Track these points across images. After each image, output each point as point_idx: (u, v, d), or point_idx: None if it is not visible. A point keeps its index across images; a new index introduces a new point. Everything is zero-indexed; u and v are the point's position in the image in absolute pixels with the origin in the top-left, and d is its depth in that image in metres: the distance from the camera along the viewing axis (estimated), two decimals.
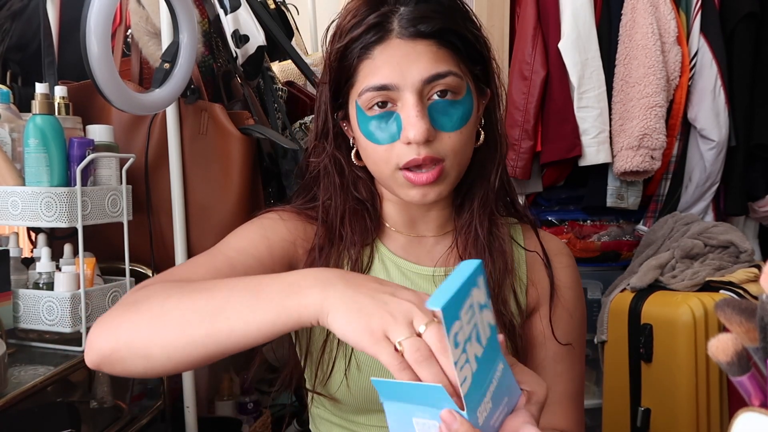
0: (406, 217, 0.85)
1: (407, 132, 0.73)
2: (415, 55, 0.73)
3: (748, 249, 1.62)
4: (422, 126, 0.72)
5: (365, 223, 0.84)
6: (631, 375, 1.58)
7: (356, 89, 0.77)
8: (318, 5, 2.49)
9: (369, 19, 0.75)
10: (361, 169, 0.83)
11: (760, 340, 0.53)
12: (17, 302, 1.18)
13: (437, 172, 0.74)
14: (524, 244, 0.87)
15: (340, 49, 0.77)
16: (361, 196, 0.84)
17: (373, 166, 0.79)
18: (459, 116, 0.75)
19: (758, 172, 1.95)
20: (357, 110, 0.77)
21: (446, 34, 0.74)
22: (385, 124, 0.75)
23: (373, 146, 0.76)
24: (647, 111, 1.79)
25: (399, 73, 0.73)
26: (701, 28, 1.88)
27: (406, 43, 0.73)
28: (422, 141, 0.72)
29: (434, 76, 0.73)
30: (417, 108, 0.72)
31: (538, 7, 1.85)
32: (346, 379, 0.79)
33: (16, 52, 1.56)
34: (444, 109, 0.74)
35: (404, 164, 0.74)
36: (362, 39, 0.75)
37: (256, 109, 1.50)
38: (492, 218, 0.83)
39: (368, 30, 0.75)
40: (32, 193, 1.15)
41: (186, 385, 1.40)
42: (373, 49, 0.75)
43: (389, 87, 0.73)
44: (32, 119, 1.15)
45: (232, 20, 1.45)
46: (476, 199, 0.83)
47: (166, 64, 1.23)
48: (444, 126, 0.74)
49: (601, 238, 1.93)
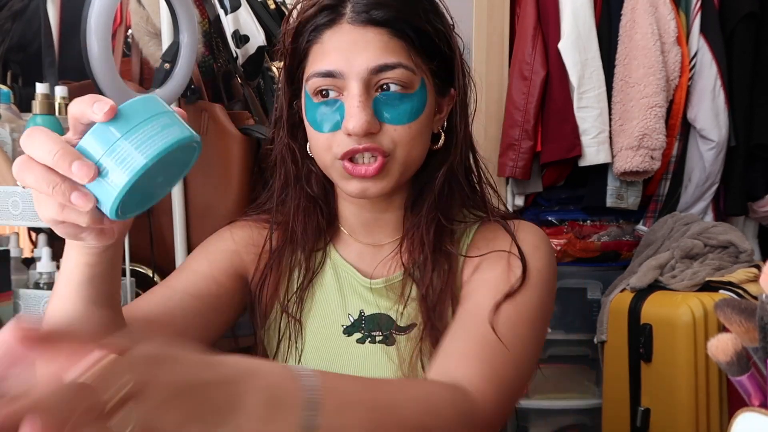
0: (361, 219, 0.82)
1: (347, 122, 0.70)
2: (363, 42, 0.70)
3: (747, 249, 1.62)
4: (363, 117, 0.69)
5: (317, 220, 0.81)
6: (631, 375, 1.58)
7: (306, 74, 0.74)
8: None
9: (323, 0, 0.72)
10: (315, 161, 0.79)
11: (760, 340, 0.53)
12: (18, 302, 1.18)
13: (379, 166, 0.71)
14: (474, 241, 0.80)
15: (293, 30, 0.74)
16: (313, 191, 0.81)
17: (316, 155, 0.76)
18: (407, 110, 0.71)
19: (758, 172, 1.96)
20: (305, 96, 0.74)
21: (399, 24, 0.70)
22: (330, 113, 0.72)
23: (317, 134, 0.73)
24: (647, 111, 1.79)
25: (345, 60, 0.70)
26: (701, 29, 1.88)
27: (357, 29, 0.70)
28: (362, 133, 0.69)
29: (382, 66, 0.70)
30: (360, 98, 0.69)
31: (538, 7, 1.85)
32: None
33: (17, 53, 1.56)
34: (391, 101, 0.71)
35: (342, 154, 0.71)
36: (313, 21, 0.72)
37: (257, 109, 1.50)
38: (440, 224, 0.78)
39: (320, 11, 0.72)
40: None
41: None
42: (323, 33, 0.72)
43: (335, 74, 0.70)
44: (33, 119, 1.15)
45: (232, 20, 1.45)
46: (425, 203, 0.78)
47: (167, 64, 1.24)
48: (390, 119, 0.71)
49: (601, 238, 1.93)
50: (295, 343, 0.81)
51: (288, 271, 0.82)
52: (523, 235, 0.79)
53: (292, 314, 0.81)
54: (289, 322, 0.81)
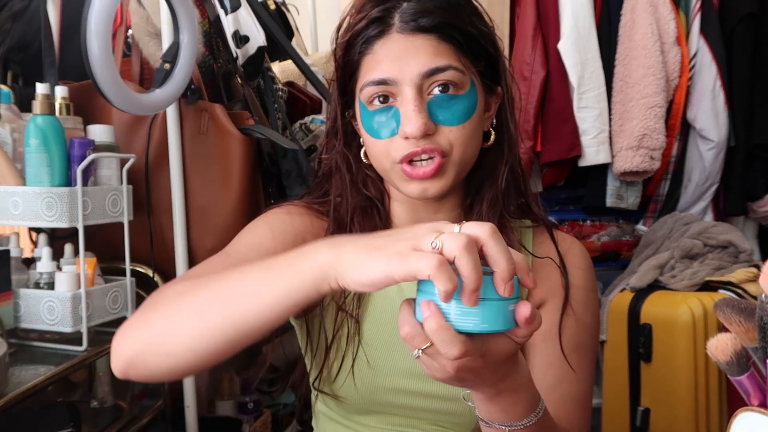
0: (414, 218, 0.84)
1: (405, 126, 0.73)
2: (414, 49, 0.73)
3: (747, 249, 1.62)
4: (419, 120, 0.72)
5: (375, 221, 0.83)
6: (631, 375, 1.58)
7: (359, 84, 0.77)
8: (318, 5, 2.49)
9: (372, 13, 0.75)
10: (369, 167, 0.83)
11: (759, 340, 0.53)
12: (18, 302, 1.18)
13: (436, 166, 0.73)
14: (535, 248, 0.85)
15: (344, 44, 0.77)
16: (370, 193, 0.84)
17: (375, 161, 0.79)
18: (461, 110, 0.74)
19: (758, 172, 1.96)
20: (360, 106, 0.77)
21: (447, 29, 0.74)
22: (385, 119, 0.75)
23: (374, 141, 0.76)
24: (647, 111, 1.79)
25: (398, 67, 0.73)
26: (701, 29, 1.88)
27: (406, 37, 0.73)
28: (419, 135, 0.72)
29: (433, 70, 0.73)
30: (415, 102, 0.72)
31: (538, 7, 1.85)
32: (353, 376, 0.79)
33: (17, 53, 1.56)
34: (444, 103, 0.74)
35: (402, 158, 0.74)
36: (364, 33, 0.75)
37: (257, 109, 1.50)
38: (502, 221, 0.81)
39: (370, 24, 0.75)
40: (33, 193, 1.15)
41: (186, 384, 1.41)
42: (374, 44, 0.75)
43: (388, 81, 0.73)
44: (33, 119, 1.15)
45: (232, 20, 1.45)
46: (485, 201, 0.81)
47: (167, 65, 1.24)
48: (444, 120, 0.74)
49: (601, 238, 1.94)
50: (353, 340, 0.80)
51: None
52: (574, 252, 0.85)
53: (350, 313, 0.81)
54: (345, 319, 0.81)
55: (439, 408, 0.79)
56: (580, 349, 0.81)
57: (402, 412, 0.80)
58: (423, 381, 0.79)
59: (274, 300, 0.55)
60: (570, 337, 0.80)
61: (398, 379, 0.79)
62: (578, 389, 0.80)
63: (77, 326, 1.17)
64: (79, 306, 1.17)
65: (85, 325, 1.17)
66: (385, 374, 0.79)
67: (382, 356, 0.80)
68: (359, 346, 0.80)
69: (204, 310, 0.59)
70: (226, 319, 0.57)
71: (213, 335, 0.58)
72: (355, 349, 0.80)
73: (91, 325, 1.19)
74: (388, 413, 0.81)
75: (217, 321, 0.58)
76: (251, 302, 0.56)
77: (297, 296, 0.54)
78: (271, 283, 0.55)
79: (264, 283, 0.56)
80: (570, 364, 0.79)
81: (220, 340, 0.58)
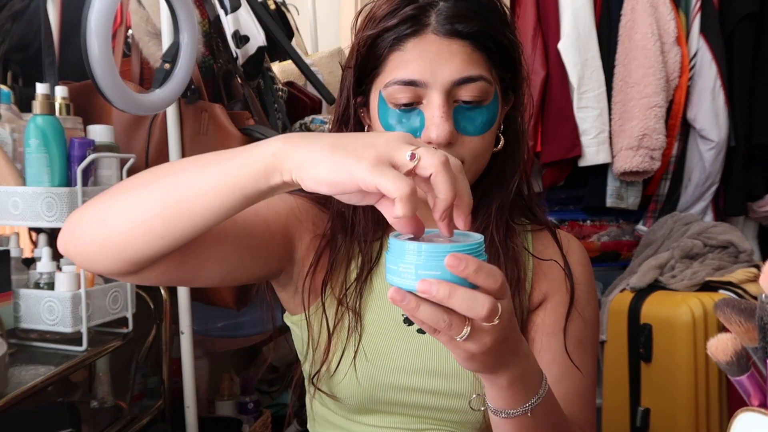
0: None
1: (429, 132, 0.72)
2: (449, 54, 0.71)
3: (747, 249, 1.62)
4: (446, 128, 0.71)
5: (377, 214, 0.83)
6: (631, 375, 1.58)
7: (382, 79, 0.75)
8: (318, 5, 2.49)
9: (406, 10, 0.73)
10: None
11: (760, 340, 0.53)
12: (18, 302, 1.18)
13: None
14: (535, 248, 0.86)
15: (372, 36, 0.75)
16: None
17: None
18: (483, 121, 0.74)
19: (758, 172, 1.96)
20: (380, 100, 0.76)
21: (482, 37, 0.73)
22: (407, 120, 0.74)
23: None
24: (647, 111, 1.79)
25: (430, 70, 0.71)
26: (701, 29, 1.88)
27: (441, 40, 0.72)
28: (444, 143, 0.71)
29: (465, 78, 0.72)
30: (443, 109, 0.71)
31: (538, 7, 1.85)
32: (355, 370, 0.78)
33: (17, 53, 1.56)
34: (469, 113, 0.73)
35: None
36: (396, 29, 0.73)
37: (257, 109, 1.50)
38: (509, 225, 0.81)
39: (404, 21, 0.73)
40: (33, 194, 1.15)
41: (186, 384, 1.40)
42: (406, 42, 0.73)
43: (417, 83, 0.72)
44: (33, 119, 1.15)
45: (232, 21, 1.45)
46: (494, 204, 0.81)
47: (167, 65, 1.24)
48: (466, 130, 0.73)
49: (601, 238, 1.94)
50: (355, 331, 0.80)
51: (345, 261, 0.82)
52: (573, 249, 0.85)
53: (350, 305, 0.81)
54: (346, 312, 0.81)
55: (441, 405, 0.79)
56: (583, 345, 0.81)
57: (403, 410, 0.80)
58: (425, 377, 0.78)
59: (220, 182, 0.55)
60: (573, 333, 0.81)
61: (400, 376, 0.79)
62: (583, 384, 0.80)
63: (77, 326, 1.17)
64: (79, 306, 1.17)
65: (85, 326, 1.17)
66: (386, 370, 0.79)
67: (383, 351, 0.79)
68: (360, 339, 0.79)
69: (150, 182, 0.59)
70: (168, 192, 0.58)
71: (152, 206, 0.59)
72: (356, 343, 0.79)
73: (91, 326, 1.19)
74: (390, 412, 0.81)
75: (159, 193, 0.58)
76: (197, 181, 0.56)
77: (245, 182, 0.54)
78: (221, 166, 0.55)
79: (214, 166, 0.56)
80: (573, 360, 0.79)
81: (159, 213, 0.58)
